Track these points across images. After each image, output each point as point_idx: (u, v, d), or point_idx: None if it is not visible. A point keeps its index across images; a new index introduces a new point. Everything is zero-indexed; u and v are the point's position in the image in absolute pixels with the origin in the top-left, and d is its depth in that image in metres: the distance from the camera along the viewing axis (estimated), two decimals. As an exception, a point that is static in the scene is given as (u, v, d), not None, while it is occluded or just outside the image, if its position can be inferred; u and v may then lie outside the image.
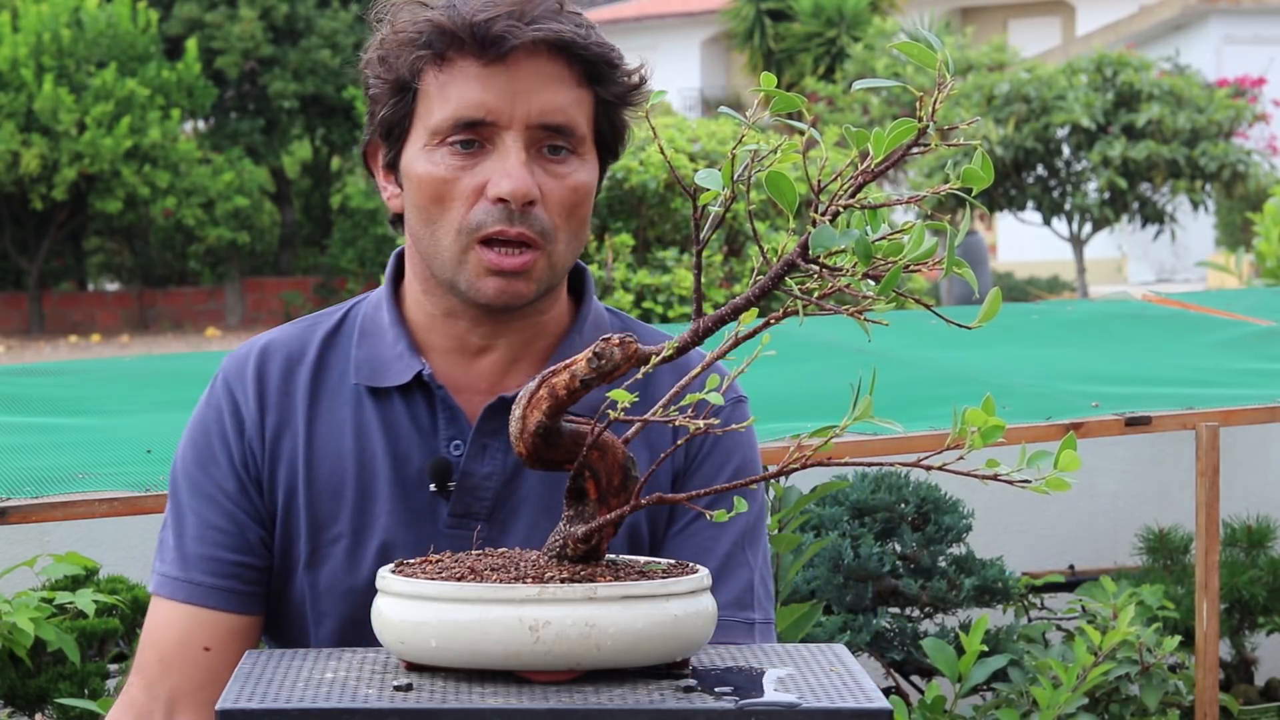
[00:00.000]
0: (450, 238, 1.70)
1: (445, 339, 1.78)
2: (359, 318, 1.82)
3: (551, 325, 1.80)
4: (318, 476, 1.76)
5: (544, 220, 1.69)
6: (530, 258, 1.70)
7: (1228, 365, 4.21)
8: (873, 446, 3.18)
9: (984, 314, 1.32)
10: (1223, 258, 12.18)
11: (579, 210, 1.73)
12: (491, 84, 1.68)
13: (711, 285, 5.81)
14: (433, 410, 1.76)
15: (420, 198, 1.71)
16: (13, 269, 23.34)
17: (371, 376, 1.77)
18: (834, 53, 22.02)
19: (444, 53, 1.69)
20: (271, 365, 1.80)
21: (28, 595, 3.11)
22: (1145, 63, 15.27)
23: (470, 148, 1.69)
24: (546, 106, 1.69)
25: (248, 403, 1.78)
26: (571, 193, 1.71)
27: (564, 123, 1.70)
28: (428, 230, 1.72)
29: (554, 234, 1.71)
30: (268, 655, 1.47)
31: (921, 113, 1.29)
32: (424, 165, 1.70)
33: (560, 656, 1.35)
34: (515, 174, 1.67)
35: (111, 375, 4.24)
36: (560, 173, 1.71)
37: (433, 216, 1.71)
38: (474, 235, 1.69)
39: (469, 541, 1.73)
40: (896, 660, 3.61)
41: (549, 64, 1.70)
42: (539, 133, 1.70)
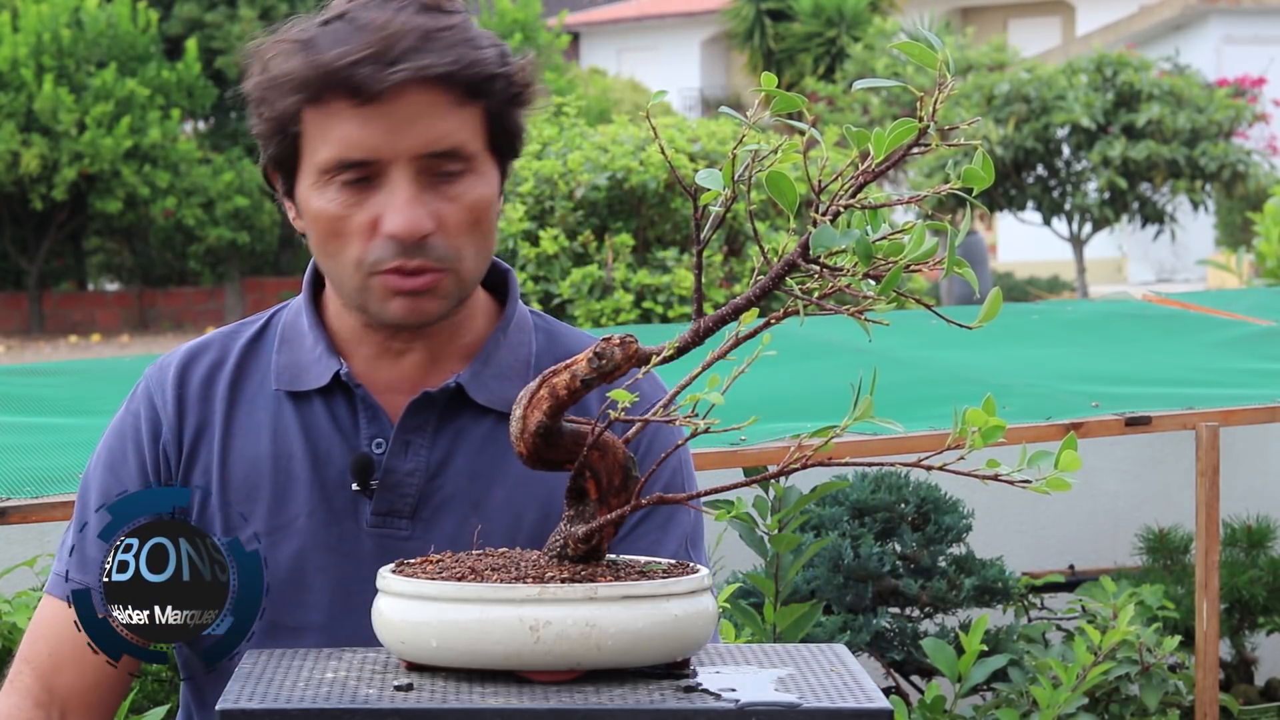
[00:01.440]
0: (350, 271, 1.70)
1: (366, 345, 1.77)
2: (280, 325, 1.83)
3: (470, 322, 1.79)
4: (232, 480, 1.75)
5: (442, 247, 1.68)
6: (434, 278, 1.68)
7: (1228, 365, 4.21)
8: (873, 446, 3.18)
9: (984, 314, 1.32)
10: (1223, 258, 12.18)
11: (481, 225, 1.71)
12: (370, 123, 1.66)
13: (711, 285, 5.80)
14: (353, 410, 1.76)
15: (316, 233, 1.70)
16: (13, 269, 23.33)
17: (291, 381, 1.77)
18: (834, 53, 22.02)
19: (319, 95, 1.66)
20: (193, 372, 1.80)
21: (28, 595, 3.11)
22: (1145, 63, 15.27)
23: (361, 184, 1.67)
24: (428, 136, 1.67)
25: (165, 408, 1.78)
26: (469, 212, 1.69)
27: (450, 148, 1.68)
28: (331, 262, 1.72)
29: (456, 255, 1.69)
30: (268, 655, 1.47)
31: (922, 113, 1.29)
32: (317, 202, 1.69)
33: (561, 656, 1.35)
34: (404, 211, 1.65)
35: (111, 375, 4.23)
36: (455, 194, 1.69)
37: (330, 250, 1.70)
38: (373, 268, 1.68)
39: (393, 540, 1.72)
40: (896, 660, 3.61)
41: (425, 94, 1.66)
42: (427, 161, 1.67)
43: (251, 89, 1.72)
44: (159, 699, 3.15)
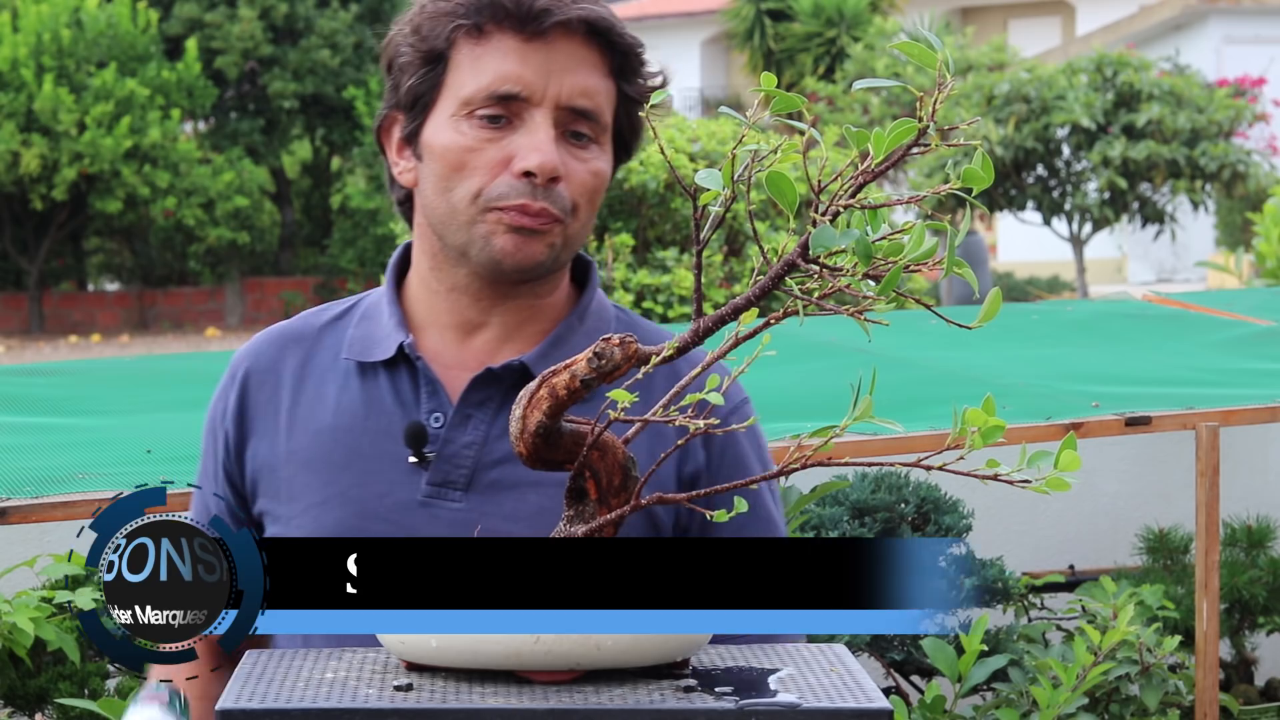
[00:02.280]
0: (465, 203, 1.73)
1: (443, 314, 1.80)
2: (365, 304, 1.86)
3: (548, 310, 1.81)
4: (294, 450, 1.78)
5: (565, 198, 1.72)
6: (549, 222, 1.72)
7: (1228, 365, 4.21)
8: (873, 446, 3.18)
9: (984, 314, 1.32)
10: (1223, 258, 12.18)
11: (596, 197, 1.76)
12: (529, 59, 1.71)
13: (711, 285, 5.81)
14: (415, 384, 1.78)
15: (441, 166, 1.74)
16: (13, 269, 23.34)
17: (361, 352, 1.80)
18: (834, 53, 22.02)
19: (482, 25, 1.72)
20: (267, 349, 1.84)
21: (28, 595, 3.11)
22: (1145, 63, 15.26)
23: (498, 122, 1.72)
24: (578, 88, 1.72)
25: (232, 390, 1.84)
26: (593, 176, 1.75)
27: (591, 108, 1.73)
28: (443, 199, 1.74)
29: (573, 212, 1.73)
30: (268, 655, 1.47)
31: (921, 113, 1.29)
32: (449, 134, 1.73)
33: (560, 656, 1.35)
34: (545, 149, 1.70)
35: (111, 375, 4.24)
36: (583, 156, 1.74)
37: (451, 185, 1.73)
38: (493, 203, 1.71)
39: (446, 512, 1.73)
40: (896, 660, 3.61)
41: (584, 48, 1.73)
42: (566, 114, 1.72)
43: (410, 19, 1.76)
44: (159, 699, 3.15)
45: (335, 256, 23.42)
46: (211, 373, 1.87)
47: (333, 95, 23.37)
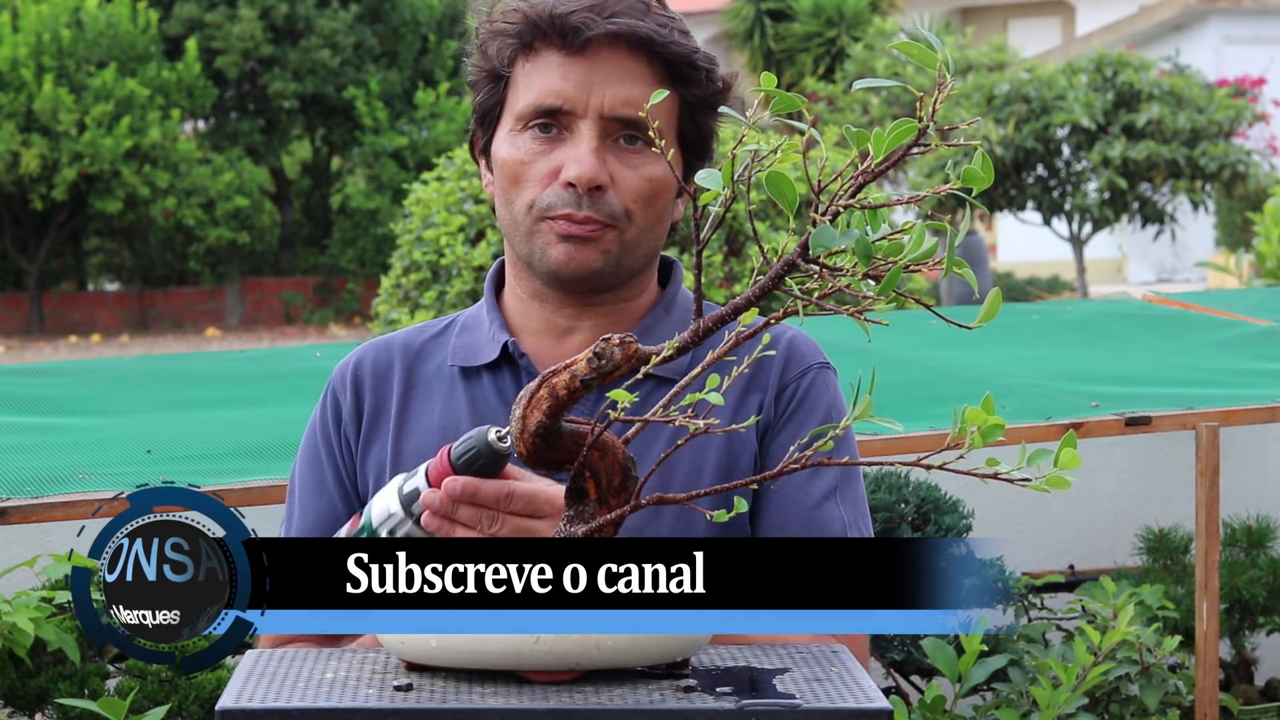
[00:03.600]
0: (523, 214, 1.79)
1: (534, 320, 1.86)
2: (463, 318, 1.93)
3: (637, 311, 1.87)
4: (404, 453, 1.83)
5: (614, 205, 1.77)
6: (597, 229, 1.77)
7: (1228, 365, 4.21)
8: (873, 446, 3.19)
9: (984, 314, 1.32)
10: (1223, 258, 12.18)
11: (655, 202, 1.79)
12: (570, 74, 1.77)
13: (711, 285, 5.80)
14: (519, 384, 1.83)
15: (502, 179, 1.81)
16: (13, 269, 23.32)
17: (465, 358, 1.86)
18: (834, 53, 22.00)
19: (531, 43, 1.79)
20: (369, 362, 1.90)
21: (28, 595, 3.11)
22: (1145, 63, 15.25)
23: (549, 132, 1.78)
24: (620, 99, 1.76)
25: (345, 396, 1.88)
26: (646, 182, 1.78)
27: (636, 117, 1.77)
28: (507, 211, 1.81)
29: (625, 218, 1.77)
30: (268, 655, 1.47)
31: (921, 113, 1.29)
32: (507, 149, 1.80)
33: (560, 657, 1.35)
34: (584, 160, 1.75)
35: (111, 375, 4.24)
36: (635, 162, 1.78)
37: (511, 197, 1.80)
38: (544, 214, 1.77)
39: None
40: (896, 660, 3.60)
41: (628, 59, 1.78)
42: (613, 124, 1.77)
43: (475, 40, 1.84)
44: (159, 699, 3.15)
45: (335, 256, 23.40)
46: (212, 373, 1.88)
47: (333, 95, 23.35)
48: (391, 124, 21.76)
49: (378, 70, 22.51)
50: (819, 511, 1.78)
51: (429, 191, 5.84)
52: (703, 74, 1.81)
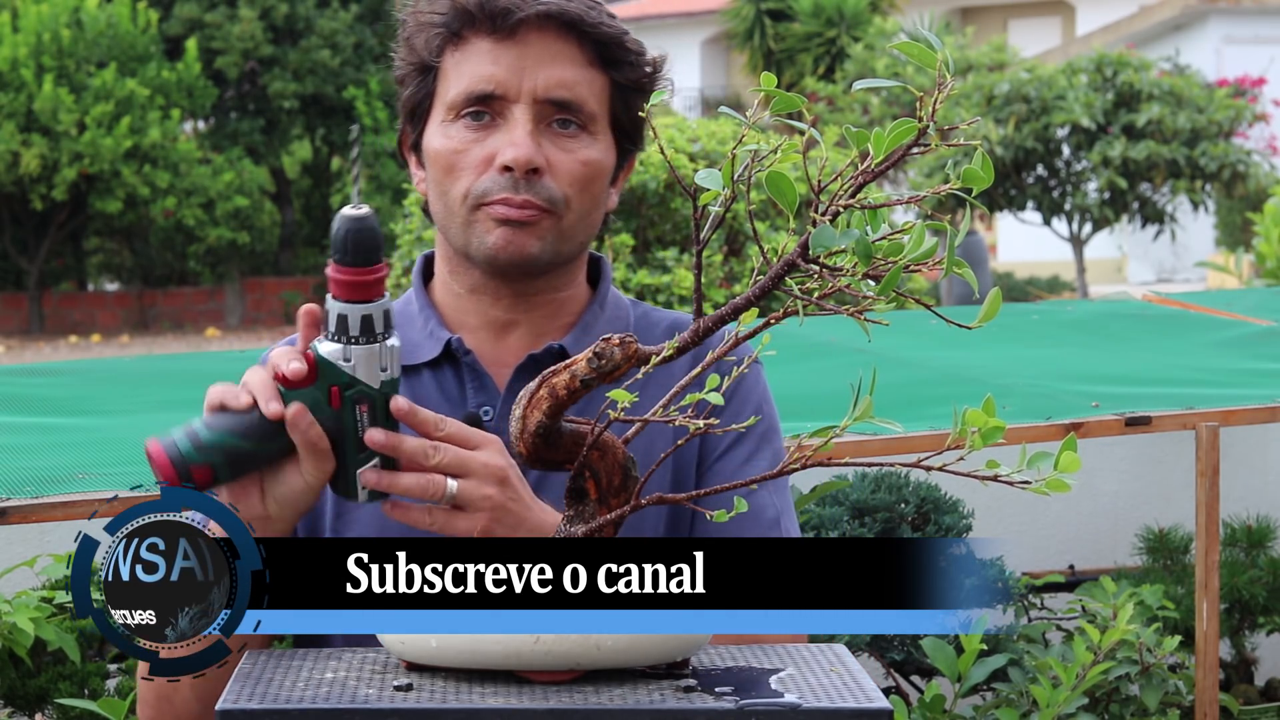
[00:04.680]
0: (459, 204, 1.77)
1: (471, 315, 1.83)
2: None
3: (571, 304, 1.86)
4: None
5: (552, 189, 1.75)
6: (535, 213, 1.75)
7: (1228, 365, 4.21)
8: (873, 446, 3.18)
9: (984, 314, 1.32)
10: (1223, 258, 12.18)
11: (590, 186, 1.79)
12: (501, 59, 1.76)
13: (711, 285, 5.80)
14: (461, 381, 1.81)
15: (435, 170, 1.79)
16: (13, 269, 23.33)
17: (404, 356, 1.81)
18: (834, 53, 22.01)
19: (460, 31, 1.77)
20: None
21: (28, 595, 3.11)
22: (1145, 63, 15.26)
23: (481, 119, 1.76)
24: (553, 81, 1.75)
25: None
26: (582, 165, 1.77)
27: (570, 99, 1.76)
28: (442, 202, 1.79)
29: (562, 203, 1.76)
30: (268, 655, 1.47)
31: (921, 113, 1.29)
32: (440, 139, 1.78)
33: (560, 657, 1.35)
34: (520, 143, 1.74)
35: (111, 375, 4.24)
36: (570, 146, 1.77)
37: (446, 187, 1.78)
38: (480, 200, 1.76)
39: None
40: (896, 660, 3.60)
41: (558, 41, 1.76)
42: (546, 107, 1.76)
43: (401, 35, 1.83)
44: (159, 699, 3.15)
45: (335, 256, 23.39)
46: (212, 373, 1.87)
47: (333, 95, 23.37)
48: (391, 124, 21.76)
49: (378, 70, 22.54)
50: (753, 496, 1.80)
51: (429, 191, 5.83)
52: (632, 56, 1.80)
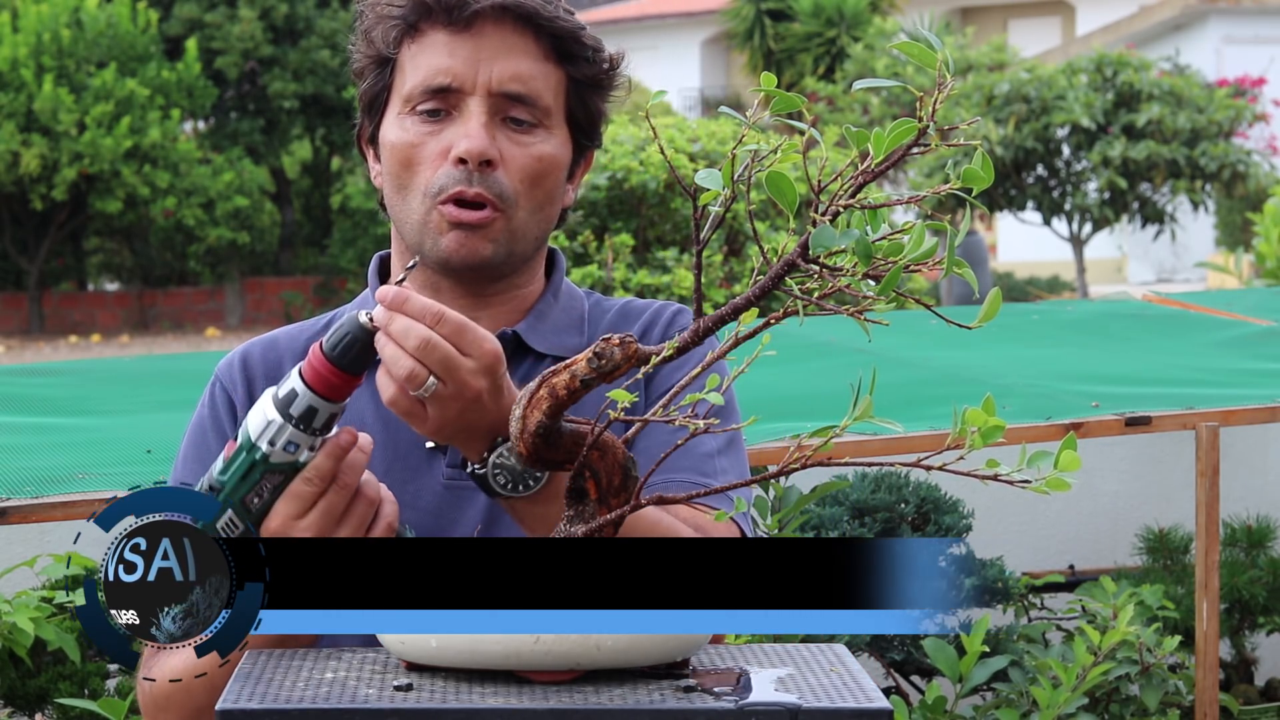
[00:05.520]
0: (417, 201, 1.76)
1: None
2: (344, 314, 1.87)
3: (529, 296, 1.85)
4: None
5: (504, 183, 1.74)
6: (488, 214, 1.74)
7: (1228, 365, 4.21)
8: (873, 446, 3.18)
9: (984, 314, 1.32)
10: (1223, 258, 12.18)
11: (544, 181, 1.78)
12: (458, 51, 1.75)
13: (711, 285, 5.80)
14: None
15: (392, 164, 1.78)
16: (13, 269, 23.33)
17: None
18: (834, 53, 22.02)
19: (417, 24, 1.76)
20: (257, 358, 1.85)
21: (28, 595, 3.11)
22: (1145, 63, 15.26)
23: (437, 116, 1.76)
24: (508, 74, 1.75)
25: (236, 392, 1.83)
26: (535, 161, 1.76)
27: (525, 92, 1.75)
28: (399, 197, 1.78)
29: (514, 199, 1.75)
30: (267, 655, 1.47)
31: (921, 113, 1.29)
32: (395, 133, 1.77)
33: (560, 657, 1.35)
34: (475, 134, 1.73)
35: (111, 375, 4.24)
36: (524, 141, 1.76)
37: (403, 182, 1.77)
38: (436, 197, 1.74)
39: (468, 491, 1.74)
40: (897, 660, 3.61)
41: (514, 35, 1.76)
42: (502, 101, 1.75)
43: (360, 28, 1.81)
44: (159, 699, 3.15)
45: (335, 256, 23.42)
46: (211, 373, 1.86)
47: (333, 95, 23.36)
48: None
49: (377, 70, 22.52)
50: (710, 462, 1.78)
51: (429, 191, 5.83)
52: (589, 51, 1.79)
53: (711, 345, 1.64)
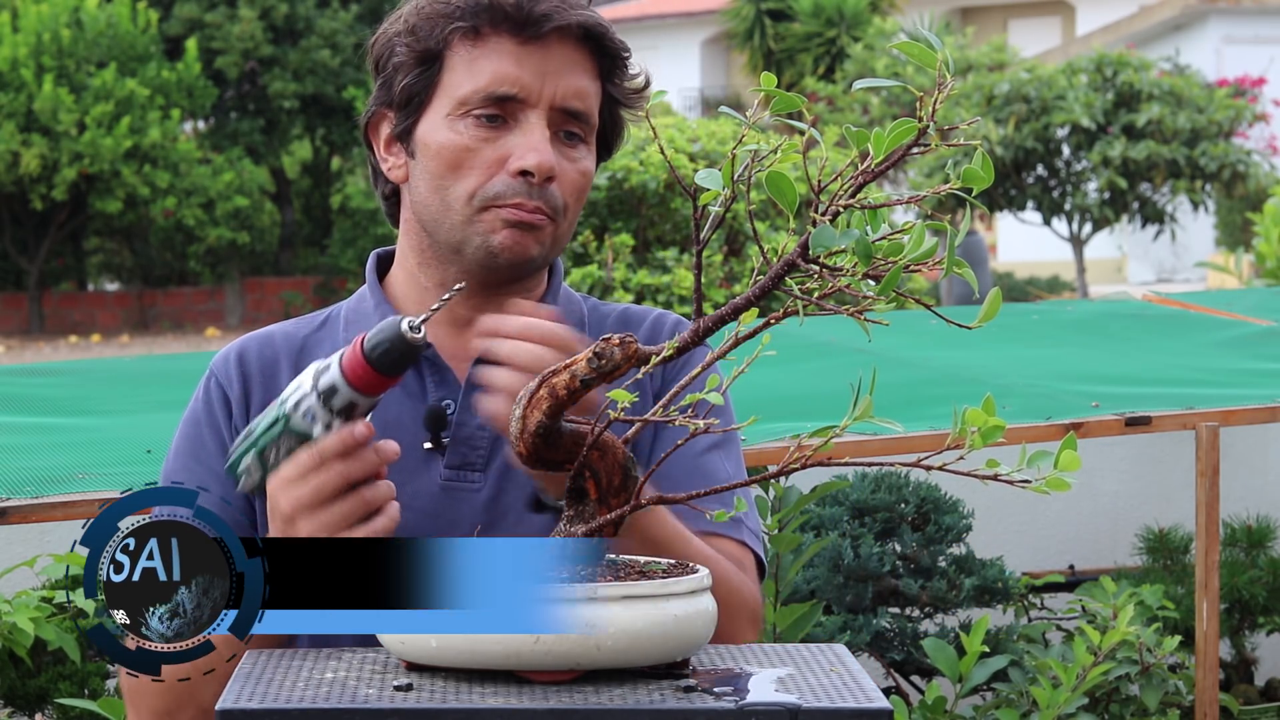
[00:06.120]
0: (461, 203, 1.75)
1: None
2: (342, 312, 1.87)
3: (532, 300, 1.84)
4: None
5: (557, 197, 1.75)
6: (544, 219, 1.75)
7: (1228, 365, 4.21)
8: (873, 446, 3.18)
9: (984, 314, 1.32)
10: (1223, 258, 12.18)
11: (584, 195, 1.80)
12: (526, 62, 1.74)
13: (711, 285, 5.81)
14: (420, 375, 1.79)
15: (436, 165, 1.76)
16: (13, 269, 23.33)
17: None
18: (834, 53, 22.02)
19: (479, 27, 1.75)
20: (254, 355, 1.84)
21: (28, 595, 3.11)
22: (1145, 63, 15.26)
23: (494, 122, 1.75)
24: (572, 90, 1.75)
25: (232, 387, 1.81)
26: (581, 176, 1.78)
27: (583, 109, 1.76)
28: (437, 196, 1.77)
29: (563, 211, 1.77)
30: (267, 655, 1.47)
31: (921, 113, 1.29)
32: (445, 134, 1.75)
33: (560, 656, 1.35)
34: (541, 149, 1.73)
35: (111, 375, 4.24)
36: (573, 156, 1.77)
37: (446, 183, 1.76)
38: (490, 202, 1.74)
39: (466, 493, 1.75)
40: (897, 660, 3.61)
41: (576, 51, 1.76)
42: (559, 115, 1.75)
43: (405, 19, 1.78)
44: (159, 699, 3.15)
45: (335, 256, 23.42)
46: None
47: (333, 95, 23.37)
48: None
49: (378, 70, 22.52)
50: (704, 460, 1.79)
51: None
52: (628, 70, 1.81)
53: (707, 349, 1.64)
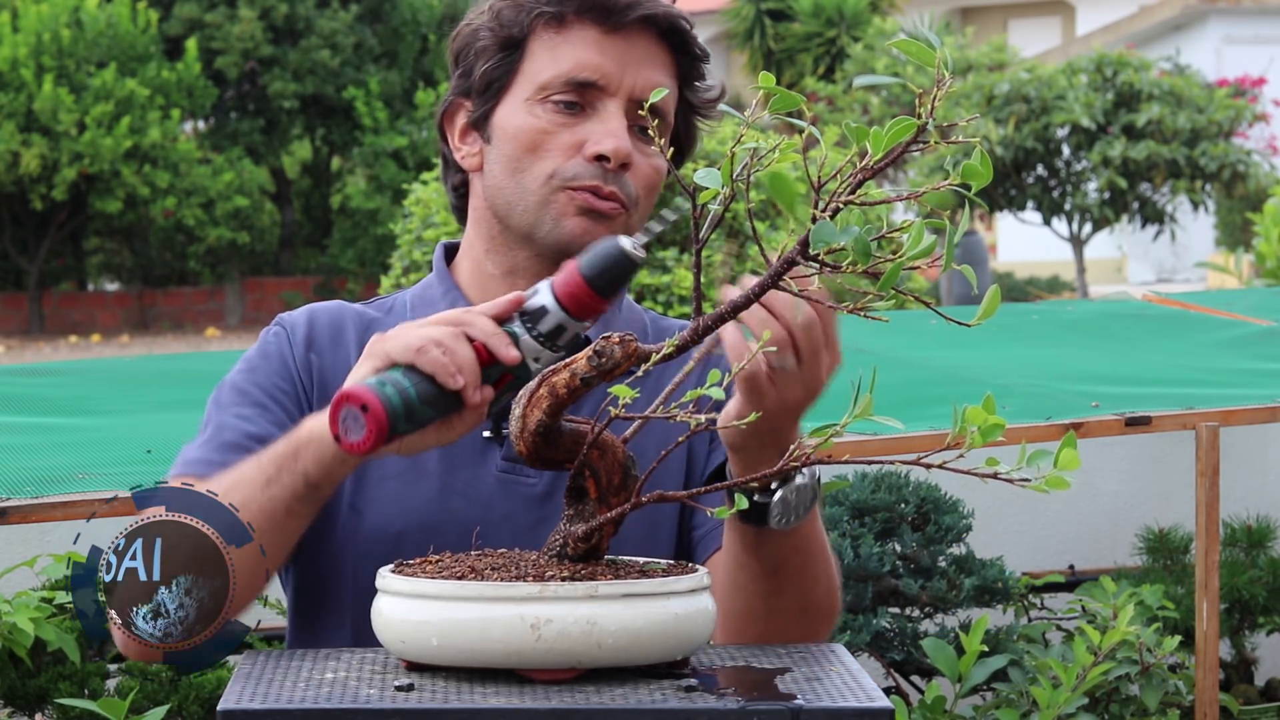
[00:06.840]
0: (537, 184, 1.77)
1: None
2: (408, 299, 1.88)
3: None
4: None
5: (631, 186, 1.77)
6: (617, 207, 1.77)
7: (1228, 365, 4.21)
8: (873, 446, 3.18)
9: (983, 311, 1.32)
10: (1223, 258, 12.17)
11: (655, 193, 1.81)
12: (608, 51, 1.77)
13: (711, 285, 5.80)
14: None
15: (513, 148, 1.78)
16: (13, 269, 23.31)
17: None
18: (834, 53, 22.00)
19: (564, 15, 1.78)
20: (323, 320, 1.84)
21: (28, 595, 3.11)
22: (1145, 63, 15.25)
23: (573, 109, 1.77)
24: (649, 84, 1.77)
25: (297, 343, 1.81)
26: (654, 172, 1.80)
27: (660, 104, 1.78)
28: (512, 179, 1.78)
29: (635, 203, 1.78)
30: (267, 655, 1.47)
31: (920, 110, 1.29)
32: (523, 118, 1.78)
33: (562, 655, 1.35)
34: (619, 134, 1.76)
35: (111, 375, 4.24)
36: (647, 151, 1.79)
37: (522, 166, 1.78)
38: (566, 183, 1.76)
39: (520, 487, 1.75)
40: (896, 660, 3.60)
41: (658, 47, 1.80)
42: (636, 108, 1.77)
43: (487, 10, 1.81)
44: (159, 699, 3.15)
45: (335, 256, 23.40)
46: (212, 373, 1.86)
47: (333, 95, 23.35)
48: (391, 124, 21.75)
49: (378, 70, 22.51)
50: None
51: (429, 191, 5.84)
52: (705, 78, 1.84)
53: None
